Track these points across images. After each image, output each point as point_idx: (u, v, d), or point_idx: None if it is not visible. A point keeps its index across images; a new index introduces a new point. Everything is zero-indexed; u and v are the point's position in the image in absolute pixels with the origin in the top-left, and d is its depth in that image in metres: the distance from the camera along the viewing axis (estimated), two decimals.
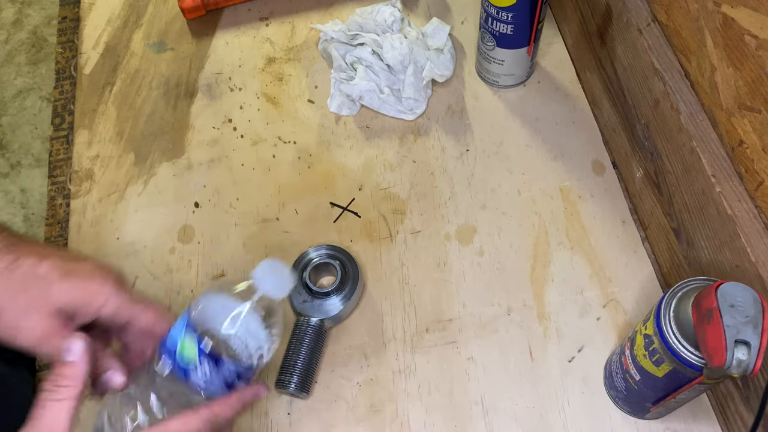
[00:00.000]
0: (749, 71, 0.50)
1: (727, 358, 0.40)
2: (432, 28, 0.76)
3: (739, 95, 0.51)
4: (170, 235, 0.68)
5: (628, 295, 0.63)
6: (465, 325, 0.62)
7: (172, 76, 0.80)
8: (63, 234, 0.69)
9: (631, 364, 0.51)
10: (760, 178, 0.50)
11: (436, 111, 0.75)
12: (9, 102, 1.82)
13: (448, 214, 0.69)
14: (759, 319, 0.40)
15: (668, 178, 0.60)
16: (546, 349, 0.61)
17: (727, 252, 0.52)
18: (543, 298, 0.63)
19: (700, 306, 0.42)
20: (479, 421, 0.58)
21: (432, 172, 0.71)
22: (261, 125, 0.76)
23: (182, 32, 0.83)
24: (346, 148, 0.74)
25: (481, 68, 0.76)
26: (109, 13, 0.85)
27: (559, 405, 0.58)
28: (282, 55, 0.81)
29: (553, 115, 0.74)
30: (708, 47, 0.54)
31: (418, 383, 0.60)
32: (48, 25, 1.92)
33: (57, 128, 0.77)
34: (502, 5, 0.66)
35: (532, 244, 0.66)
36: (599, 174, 0.70)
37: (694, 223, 0.56)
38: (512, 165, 0.71)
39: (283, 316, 0.47)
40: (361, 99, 0.74)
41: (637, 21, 0.62)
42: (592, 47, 0.72)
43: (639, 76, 0.62)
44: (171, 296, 0.65)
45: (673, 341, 0.45)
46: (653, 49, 0.60)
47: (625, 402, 0.57)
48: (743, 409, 0.53)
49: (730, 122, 0.53)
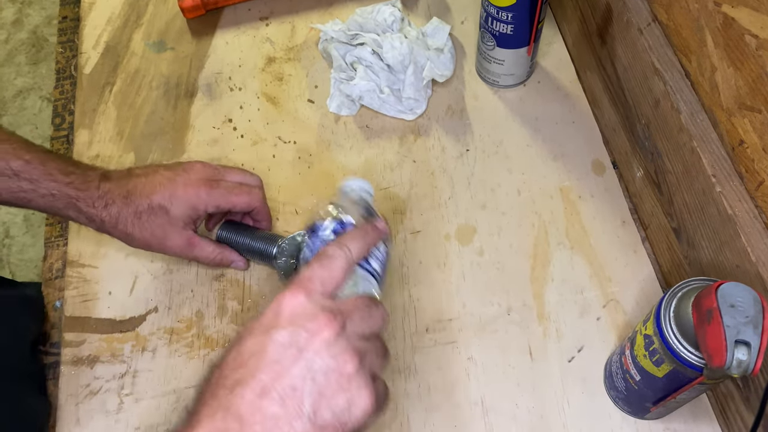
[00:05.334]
0: (750, 71, 0.50)
1: (727, 358, 0.39)
2: (432, 27, 0.76)
3: (740, 95, 0.51)
4: None
5: (628, 295, 0.63)
6: (465, 325, 0.62)
7: (172, 75, 0.80)
8: (63, 234, 0.69)
9: (631, 364, 0.51)
10: (760, 178, 0.50)
11: (436, 111, 0.75)
12: (9, 102, 1.82)
13: (448, 214, 0.69)
14: (759, 319, 0.40)
15: (668, 177, 0.60)
16: (546, 349, 0.61)
17: (728, 252, 0.52)
18: (543, 298, 0.63)
19: (701, 306, 0.42)
20: (479, 421, 0.58)
21: (432, 172, 0.71)
22: (261, 125, 0.76)
23: (182, 32, 0.83)
24: (346, 148, 0.74)
25: (481, 68, 0.76)
26: (109, 13, 0.85)
27: (559, 405, 0.58)
28: (282, 55, 0.81)
29: (553, 115, 0.74)
30: (708, 47, 0.54)
31: (418, 383, 0.60)
32: (48, 25, 1.92)
33: (57, 128, 0.77)
34: (502, 5, 0.66)
35: (531, 244, 0.66)
36: (599, 174, 0.70)
37: (695, 223, 0.56)
38: (512, 165, 0.71)
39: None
40: (361, 99, 0.74)
41: (637, 21, 0.62)
42: (592, 47, 0.72)
43: (639, 75, 0.62)
44: (171, 296, 0.65)
45: (673, 341, 0.45)
46: (653, 49, 0.60)
47: (625, 402, 0.56)
48: (743, 409, 0.53)
49: (730, 122, 0.53)
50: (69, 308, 0.65)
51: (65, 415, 0.59)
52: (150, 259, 0.67)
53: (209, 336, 0.63)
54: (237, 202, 0.60)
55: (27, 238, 1.61)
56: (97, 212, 0.56)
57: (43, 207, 0.56)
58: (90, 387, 0.61)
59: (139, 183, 0.58)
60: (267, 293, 0.65)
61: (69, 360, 0.62)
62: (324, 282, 0.42)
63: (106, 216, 0.57)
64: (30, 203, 0.56)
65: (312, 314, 0.40)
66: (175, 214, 0.58)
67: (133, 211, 0.57)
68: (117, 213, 0.57)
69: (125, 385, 0.61)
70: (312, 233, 0.52)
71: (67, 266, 0.67)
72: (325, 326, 0.39)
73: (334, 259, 0.44)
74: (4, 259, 1.56)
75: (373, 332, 0.43)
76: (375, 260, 0.50)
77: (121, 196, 0.57)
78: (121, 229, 0.57)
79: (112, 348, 0.62)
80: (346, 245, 0.45)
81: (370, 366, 0.41)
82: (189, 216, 0.59)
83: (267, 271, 0.66)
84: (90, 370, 0.61)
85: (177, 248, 0.59)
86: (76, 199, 0.56)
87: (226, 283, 0.66)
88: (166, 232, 0.58)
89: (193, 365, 0.61)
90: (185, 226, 0.59)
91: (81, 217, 0.57)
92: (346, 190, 0.56)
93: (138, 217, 0.57)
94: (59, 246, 0.69)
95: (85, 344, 0.63)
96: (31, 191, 0.55)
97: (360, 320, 0.41)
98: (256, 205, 0.62)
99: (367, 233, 0.48)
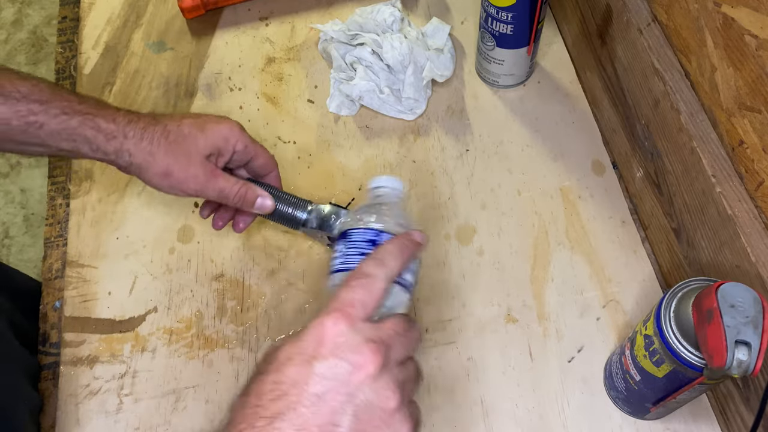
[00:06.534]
0: (749, 71, 0.50)
1: (727, 358, 0.39)
2: (432, 28, 0.76)
3: (740, 95, 0.51)
4: (170, 235, 0.68)
5: (628, 295, 0.63)
6: (465, 325, 0.62)
7: (171, 75, 0.80)
8: (63, 234, 0.69)
9: (631, 364, 0.51)
10: (760, 178, 0.50)
11: (436, 111, 0.75)
12: None
13: (448, 214, 0.69)
14: (759, 319, 0.40)
15: (668, 178, 0.60)
16: (546, 349, 0.61)
17: (728, 252, 0.52)
18: (543, 298, 0.63)
19: (701, 306, 0.42)
20: (479, 422, 0.58)
21: (432, 172, 0.71)
22: (261, 125, 0.76)
23: (182, 32, 0.83)
24: (346, 148, 0.73)
25: (481, 68, 0.76)
26: (109, 13, 0.85)
27: (559, 405, 0.58)
28: (282, 55, 0.81)
29: (553, 115, 0.74)
30: (708, 47, 0.54)
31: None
32: (48, 25, 1.92)
33: None
34: (502, 5, 0.65)
35: (531, 244, 0.66)
36: (599, 174, 0.70)
37: (695, 223, 0.56)
38: (512, 165, 0.71)
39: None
40: (361, 99, 0.74)
41: (637, 21, 0.62)
42: (592, 47, 0.72)
43: (639, 76, 0.62)
44: (171, 296, 0.65)
45: (674, 341, 0.45)
46: (653, 49, 0.60)
47: (625, 402, 0.56)
48: (743, 410, 0.53)
49: (730, 122, 0.53)
50: (69, 308, 0.65)
51: (65, 416, 0.59)
52: (150, 259, 0.67)
53: (209, 336, 0.63)
54: (261, 152, 0.58)
55: (27, 238, 1.61)
56: (118, 128, 0.52)
57: (54, 131, 0.51)
58: (89, 387, 0.61)
59: (168, 114, 0.56)
60: (267, 293, 0.65)
61: (69, 360, 0.62)
62: (365, 305, 0.40)
63: (129, 131, 0.52)
64: (41, 129, 0.50)
65: (355, 346, 0.38)
66: (204, 143, 0.54)
67: (162, 129, 0.53)
68: (143, 128, 0.52)
69: (125, 385, 0.61)
70: (346, 239, 0.49)
71: (66, 266, 0.67)
72: (369, 361, 0.38)
73: (375, 281, 0.42)
74: (4, 259, 1.56)
75: (410, 355, 0.42)
76: (409, 272, 0.48)
77: (149, 117, 0.54)
78: (145, 147, 0.52)
79: (111, 348, 0.62)
80: (386, 263, 0.43)
81: (408, 394, 0.41)
82: (218, 147, 0.55)
83: (267, 271, 0.66)
84: (89, 371, 0.61)
85: (199, 178, 0.54)
86: (94, 115, 0.51)
87: (226, 283, 0.66)
88: (191, 158, 0.53)
89: (193, 365, 0.61)
90: (209, 158, 0.55)
91: (99, 136, 0.51)
92: (379, 192, 0.53)
93: (165, 136, 0.53)
94: (59, 246, 0.69)
95: (85, 344, 0.63)
96: (41, 113, 0.50)
97: (400, 346, 0.41)
98: (273, 167, 0.61)
99: (405, 247, 0.46)
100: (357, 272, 0.42)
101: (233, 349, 0.62)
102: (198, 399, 0.60)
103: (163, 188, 0.54)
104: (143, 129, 0.52)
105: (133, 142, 0.52)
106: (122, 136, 0.52)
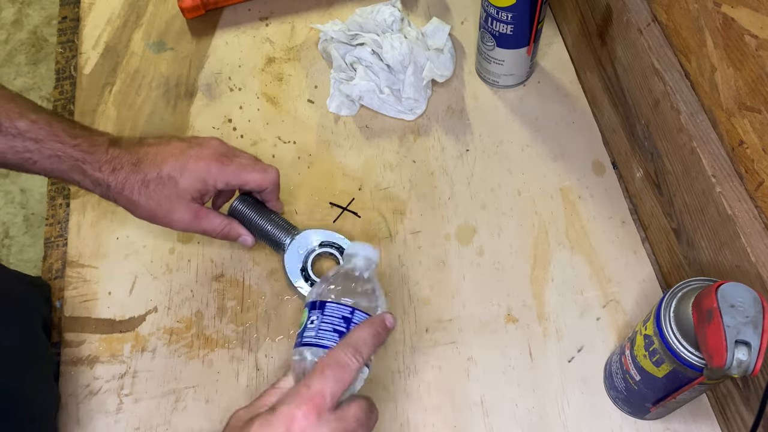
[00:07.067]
0: (749, 71, 0.50)
1: (727, 358, 0.39)
2: (432, 28, 0.76)
3: (739, 95, 0.51)
4: (170, 235, 0.68)
5: (628, 295, 0.63)
6: (465, 325, 0.62)
7: (171, 76, 0.80)
8: (63, 234, 0.69)
9: (631, 364, 0.51)
10: (760, 178, 0.50)
11: (436, 111, 0.75)
12: None
13: (447, 214, 0.69)
14: (759, 319, 0.40)
15: (668, 178, 0.60)
16: (546, 349, 0.61)
17: (728, 252, 0.52)
18: (543, 298, 0.63)
19: (701, 306, 0.42)
20: (479, 422, 0.58)
21: (432, 172, 0.71)
22: (261, 125, 0.76)
23: (182, 32, 0.83)
24: (346, 148, 0.73)
25: (481, 68, 0.76)
26: (109, 13, 0.85)
27: (559, 405, 0.58)
28: (282, 55, 0.81)
29: (553, 115, 0.74)
30: (708, 47, 0.54)
31: (418, 383, 0.60)
32: (48, 25, 1.92)
33: None
34: (502, 5, 0.66)
35: (531, 245, 0.66)
36: (599, 174, 0.70)
37: (695, 223, 0.56)
38: (512, 165, 0.71)
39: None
40: (361, 99, 0.74)
41: (637, 21, 0.62)
42: (592, 47, 0.72)
43: (639, 76, 0.62)
44: (171, 296, 0.65)
45: (674, 341, 0.45)
46: (653, 49, 0.60)
47: (625, 402, 0.56)
48: (743, 410, 0.53)
49: (730, 122, 0.53)
50: (69, 308, 0.65)
51: (65, 416, 0.59)
52: (150, 258, 0.67)
53: (209, 336, 0.63)
54: (248, 180, 0.59)
55: (27, 238, 1.61)
56: (103, 176, 0.55)
57: (47, 169, 0.55)
58: (90, 387, 0.61)
59: (151, 152, 0.56)
60: (267, 293, 0.65)
61: (69, 360, 0.62)
62: (334, 396, 0.43)
63: (112, 181, 0.55)
64: (35, 165, 0.54)
65: None
66: (184, 186, 0.56)
67: (141, 179, 0.55)
68: (124, 179, 0.55)
69: (125, 385, 0.61)
70: (322, 311, 0.48)
71: (66, 266, 0.67)
72: None
73: (348, 371, 0.44)
74: (4, 259, 1.56)
75: None
76: None
77: (130, 163, 0.56)
78: (126, 196, 0.56)
79: (111, 348, 0.62)
80: (361, 352, 0.45)
81: None
82: (198, 190, 0.57)
83: (267, 271, 0.66)
84: (90, 371, 0.61)
85: (183, 221, 0.58)
86: (82, 162, 0.54)
87: (226, 284, 0.66)
88: (173, 204, 0.57)
89: (193, 365, 0.61)
90: (193, 200, 0.57)
91: (86, 180, 0.55)
92: (356, 262, 0.52)
93: (146, 186, 0.56)
94: (59, 246, 0.69)
95: (85, 344, 0.63)
96: (36, 152, 0.53)
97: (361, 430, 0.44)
98: (267, 185, 0.60)
99: (378, 334, 0.47)
100: (333, 359, 0.44)
101: (233, 349, 0.62)
102: (198, 399, 0.60)
103: (153, 224, 0.59)
104: (124, 180, 0.55)
105: (117, 190, 0.56)
106: (106, 185, 0.56)
